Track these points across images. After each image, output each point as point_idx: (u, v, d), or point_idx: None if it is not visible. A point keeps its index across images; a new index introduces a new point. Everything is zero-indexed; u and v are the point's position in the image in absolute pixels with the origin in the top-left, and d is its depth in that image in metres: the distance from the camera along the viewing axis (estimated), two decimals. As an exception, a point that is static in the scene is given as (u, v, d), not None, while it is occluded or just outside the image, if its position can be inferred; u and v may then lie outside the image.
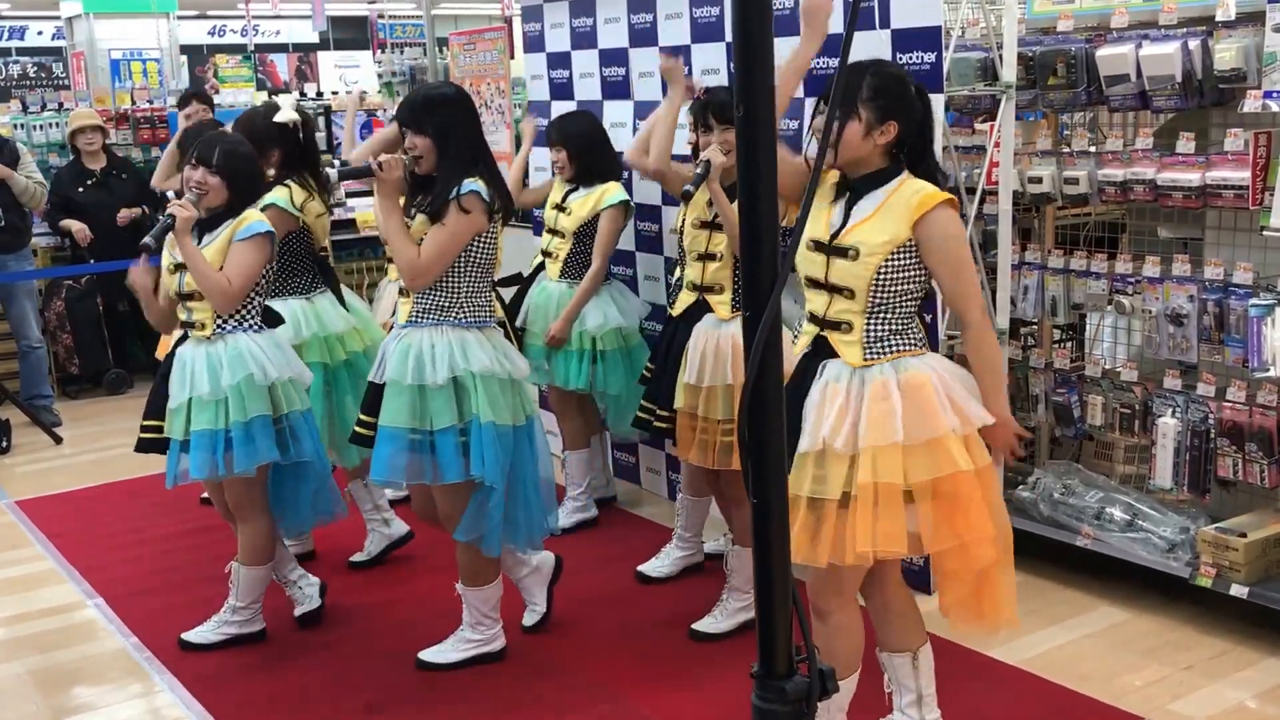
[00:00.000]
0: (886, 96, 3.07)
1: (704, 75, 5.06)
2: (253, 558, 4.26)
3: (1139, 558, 4.37)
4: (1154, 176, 4.31)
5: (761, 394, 2.04)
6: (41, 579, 5.11)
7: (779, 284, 2.01)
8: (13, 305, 7.37)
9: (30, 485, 6.36)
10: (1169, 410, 4.38)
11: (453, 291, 3.84)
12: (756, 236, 2.02)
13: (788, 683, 2.10)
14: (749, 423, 2.05)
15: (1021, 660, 4.04)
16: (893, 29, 4.28)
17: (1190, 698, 3.80)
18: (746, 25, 1.96)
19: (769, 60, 1.99)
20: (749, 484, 2.09)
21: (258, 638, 4.38)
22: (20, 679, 4.22)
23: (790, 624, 2.12)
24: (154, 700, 4.04)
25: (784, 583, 2.11)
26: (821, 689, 2.13)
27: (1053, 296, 4.75)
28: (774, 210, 2.02)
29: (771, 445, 2.07)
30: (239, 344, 4.05)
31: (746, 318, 2.02)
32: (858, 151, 3.09)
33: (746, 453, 2.08)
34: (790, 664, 2.12)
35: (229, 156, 4.08)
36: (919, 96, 3.14)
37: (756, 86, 1.99)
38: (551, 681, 4.03)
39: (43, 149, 9.01)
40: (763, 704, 2.11)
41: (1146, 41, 4.31)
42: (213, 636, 4.32)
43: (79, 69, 15.10)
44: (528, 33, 6.04)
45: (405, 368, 3.80)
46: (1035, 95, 4.66)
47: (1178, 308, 4.29)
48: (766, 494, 2.08)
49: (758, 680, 2.13)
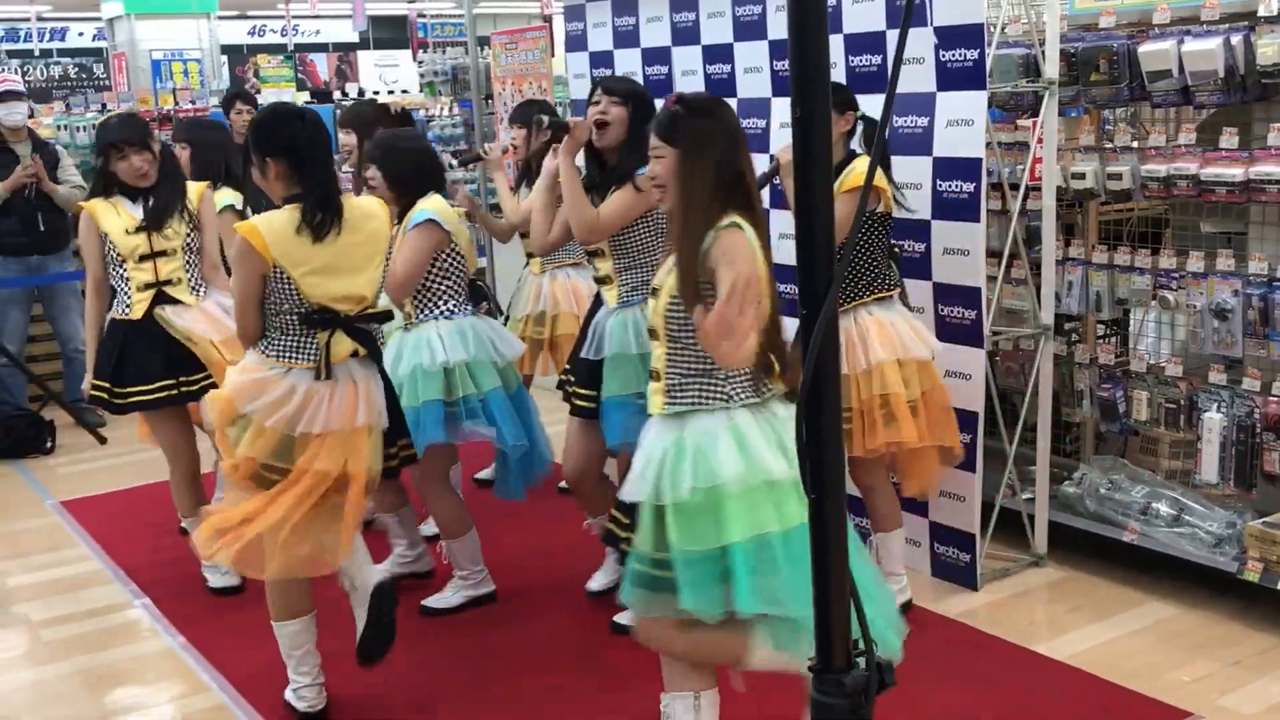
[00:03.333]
0: (263, 140, 3.51)
1: (746, 74, 5.08)
2: (449, 531, 4.49)
3: (1185, 553, 4.36)
4: (1197, 172, 4.30)
5: (818, 395, 2.05)
6: (88, 579, 5.15)
7: (834, 285, 2.03)
8: (56, 307, 7.46)
9: (75, 486, 6.42)
10: (1214, 405, 4.36)
11: (652, 268, 3.89)
12: (811, 238, 2.04)
13: (846, 676, 2.11)
14: (806, 423, 2.08)
15: (1068, 656, 4.04)
16: (935, 26, 4.28)
17: (1238, 693, 3.79)
18: (802, 27, 1.98)
19: (825, 62, 2.00)
20: (807, 484, 2.11)
21: (489, 599, 4.58)
22: (69, 679, 4.26)
23: (848, 618, 2.15)
24: (201, 700, 4.07)
25: (841, 577, 2.13)
26: (880, 682, 2.15)
27: (1097, 292, 4.74)
28: (829, 213, 2.03)
29: (829, 444, 2.09)
30: (422, 333, 4.31)
31: (803, 316, 2.05)
32: (275, 191, 3.55)
33: (804, 453, 2.11)
34: (848, 657, 2.15)
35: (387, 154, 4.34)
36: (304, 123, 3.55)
37: (812, 89, 2.01)
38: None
39: (85, 150, 9.11)
40: (822, 697, 2.13)
41: (1188, 37, 4.30)
42: (454, 600, 4.55)
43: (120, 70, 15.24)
44: (570, 32, 6.08)
45: (627, 340, 4.11)
46: (1077, 91, 4.65)
47: (1222, 302, 4.28)
48: (823, 490, 2.10)
49: (815, 674, 2.14)
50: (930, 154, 4.39)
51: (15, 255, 7.21)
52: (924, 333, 4.22)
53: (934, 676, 3.92)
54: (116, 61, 15.50)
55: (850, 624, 2.15)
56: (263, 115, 3.74)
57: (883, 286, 4.17)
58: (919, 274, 4.50)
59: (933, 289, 4.48)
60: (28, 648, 4.54)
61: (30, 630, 4.67)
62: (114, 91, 12.79)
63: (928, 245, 4.46)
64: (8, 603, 4.93)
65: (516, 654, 4.23)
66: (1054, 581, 4.63)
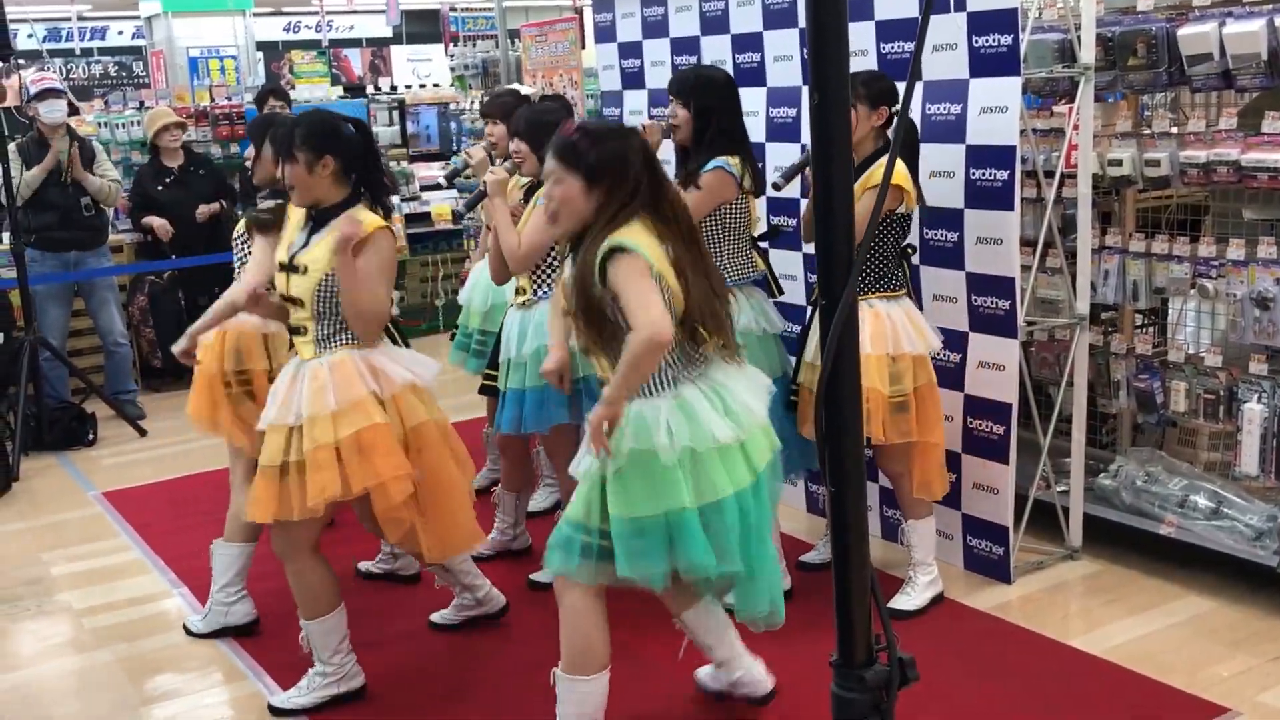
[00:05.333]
0: (318, 137, 3.62)
1: (776, 62, 5.04)
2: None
3: (1224, 546, 4.29)
4: (1238, 157, 4.22)
5: (837, 383, 2.03)
6: (128, 569, 5.23)
7: (853, 274, 2.00)
8: (95, 301, 7.56)
9: (116, 477, 6.50)
10: (1255, 396, 4.29)
11: (717, 253, 4.15)
12: (830, 228, 2.02)
13: (867, 671, 2.10)
14: (826, 412, 2.06)
15: (1104, 650, 3.99)
16: (969, 11, 4.23)
17: (1278, 689, 3.72)
18: (820, 14, 1.95)
19: (843, 48, 1.98)
20: (825, 473, 2.09)
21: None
22: (109, 667, 4.32)
23: (869, 614, 2.12)
24: (238, 688, 4.11)
25: (862, 571, 2.11)
26: (902, 677, 2.13)
27: (1134, 281, 4.67)
28: (849, 201, 2.02)
29: (849, 434, 2.06)
30: (542, 312, 4.34)
31: (822, 306, 2.03)
32: (315, 190, 3.66)
33: (823, 441, 2.09)
34: (870, 652, 2.12)
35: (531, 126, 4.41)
36: (361, 132, 3.76)
37: (830, 75, 1.99)
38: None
39: (125, 147, 9.20)
40: (843, 692, 2.11)
41: (1230, 19, 4.21)
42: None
43: (159, 67, 15.38)
44: (599, 23, 6.06)
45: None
46: (1115, 76, 4.58)
47: (1263, 291, 4.20)
48: (844, 483, 2.08)
49: (836, 669, 2.13)
50: (963, 141, 4.34)
51: (54, 251, 7.31)
52: (924, 327, 4.19)
53: (967, 670, 3.89)
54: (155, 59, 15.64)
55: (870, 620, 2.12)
56: (321, 115, 3.81)
57: (887, 287, 4.14)
58: (952, 264, 4.45)
59: (966, 279, 4.42)
60: (70, 635, 4.60)
61: (72, 618, 4.74)
62: (152, 89, 12.91)
63: (960, 234, 4.41)
64: (51, 591, 5.00)
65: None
66: (1089, 575, 4.57)
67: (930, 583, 4.33)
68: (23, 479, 6.49)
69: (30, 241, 7.15)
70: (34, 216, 7.21)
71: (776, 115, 5.09)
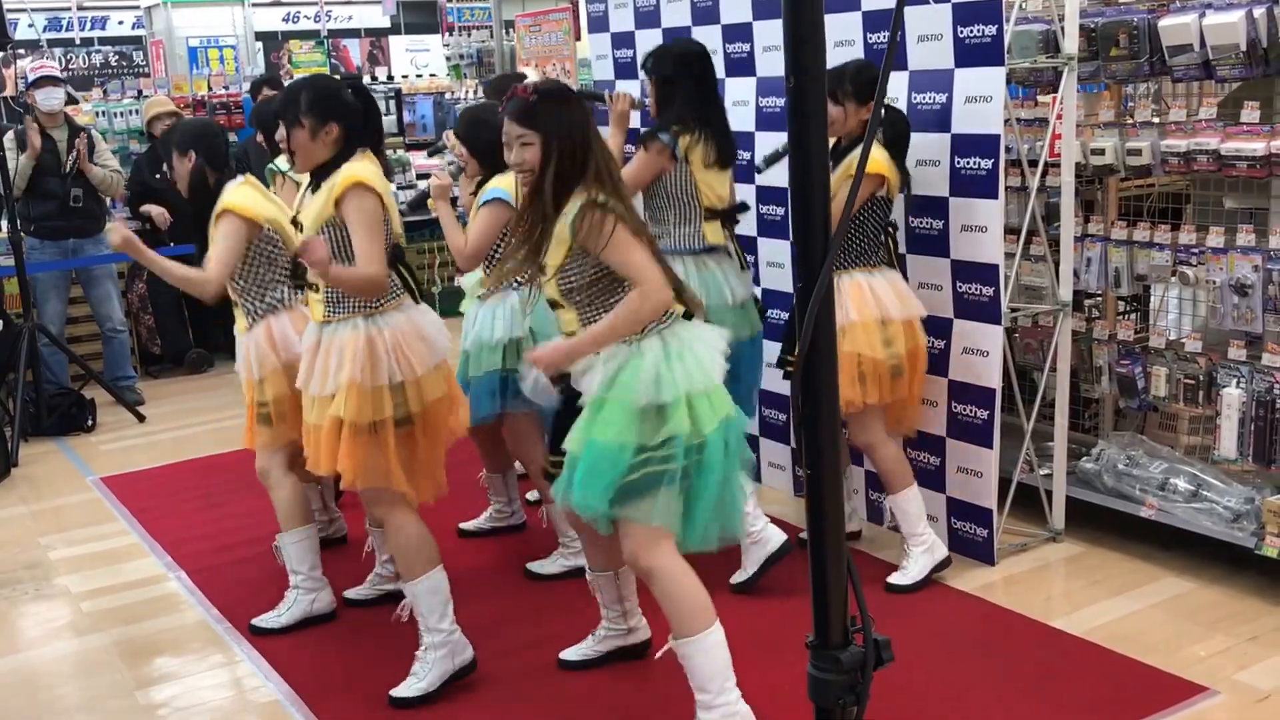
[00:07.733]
0: (323, 103, 3.67)
1: (765, 52, 5.09)
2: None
3: (1203, 528, 4.36)
4: (1218, 147, 4.29)
5: (814, 366, 2.08)
6: (126, 553, 5.28)
7: (829, 257, 2.06)
8: (94, 288, 7.61)
9: (114, 462, 6.56)
10: (1233, 381, 4.36)
11: (663, 222, 4.33)
12: (809, 211, 2.06)
13: (843, 652, 2.13)
14: (803, 395, 2.10)
15: (1085, 630, 4.06)
16: (953, 2, 4.29)
17: (1255, 668, 3.79)
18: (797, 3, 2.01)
19: (820, 36, 2.04)
20: (802, 455, 2.14)
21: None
22: (106, 649, 4.37)
23: (845, 594, 2.16)
24: (234, 670, 4.16)
25: (838, 553, 2.14)
26: (877, 658, 2.17)
27: (1116, 268, 4.74)
28: (825, 186, 2.07)
29: (825, 417, 2.11)
30: (507, 302, 4.45)
31: (799, 289, 2.07)
32: (316, 156, 3.71)
33: (800, 424, 2.13)
34: (845, 633, 2.16)
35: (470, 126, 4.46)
36: (361, 96, 3.81)
37: (806, 62, 2.05)
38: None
39: (123, 135, 9.24)
40: (819, 673, 2.14)
41: (1210, 10, 4.27)
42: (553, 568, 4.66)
43: (158, 57, 15.37)
44: (591, 13, 6.10)
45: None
46: (1097, 67, 4.64)
47: (1242, 278, 4.27)
48: (820, 465, 2.12)
49: (813, 650, 2.16)
50: (949, 130, 4.40)
51: (52, 239, 7.37)
52: (907, 294, 4.31)
53: (951, 651, 3.96)
54: (154, 49, 15.63)
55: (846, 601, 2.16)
56: (324, 80, 3.92)
57: (867, 263, 4.25)
58: (937, 251, 4.52)
59: (951, 266, 4.49)
60: (69, 618, 4.65)
61: (71, 602, 4.79)
62: (151, 78, 12.92)
63: (945, 222, 4.48)
64: (50, 575, 5.06)
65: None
66: (1071, 557, 4.64)
67: (925, 551, 4.38)
68: (22, 464, 6.55)
69: (29, 230, 7.21)
70: (33, 205, 7.28)
71: (765, 105, 5.15)
